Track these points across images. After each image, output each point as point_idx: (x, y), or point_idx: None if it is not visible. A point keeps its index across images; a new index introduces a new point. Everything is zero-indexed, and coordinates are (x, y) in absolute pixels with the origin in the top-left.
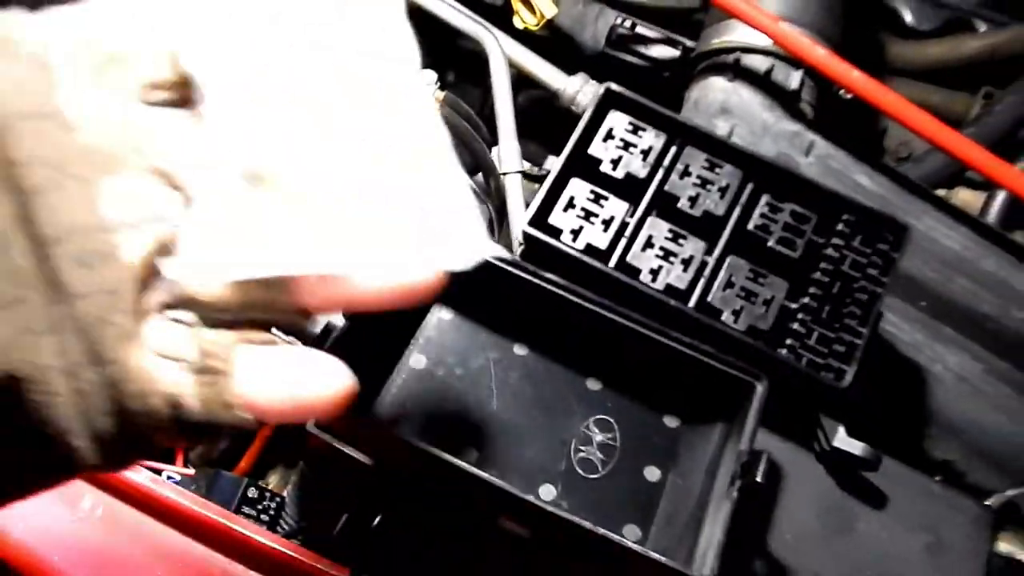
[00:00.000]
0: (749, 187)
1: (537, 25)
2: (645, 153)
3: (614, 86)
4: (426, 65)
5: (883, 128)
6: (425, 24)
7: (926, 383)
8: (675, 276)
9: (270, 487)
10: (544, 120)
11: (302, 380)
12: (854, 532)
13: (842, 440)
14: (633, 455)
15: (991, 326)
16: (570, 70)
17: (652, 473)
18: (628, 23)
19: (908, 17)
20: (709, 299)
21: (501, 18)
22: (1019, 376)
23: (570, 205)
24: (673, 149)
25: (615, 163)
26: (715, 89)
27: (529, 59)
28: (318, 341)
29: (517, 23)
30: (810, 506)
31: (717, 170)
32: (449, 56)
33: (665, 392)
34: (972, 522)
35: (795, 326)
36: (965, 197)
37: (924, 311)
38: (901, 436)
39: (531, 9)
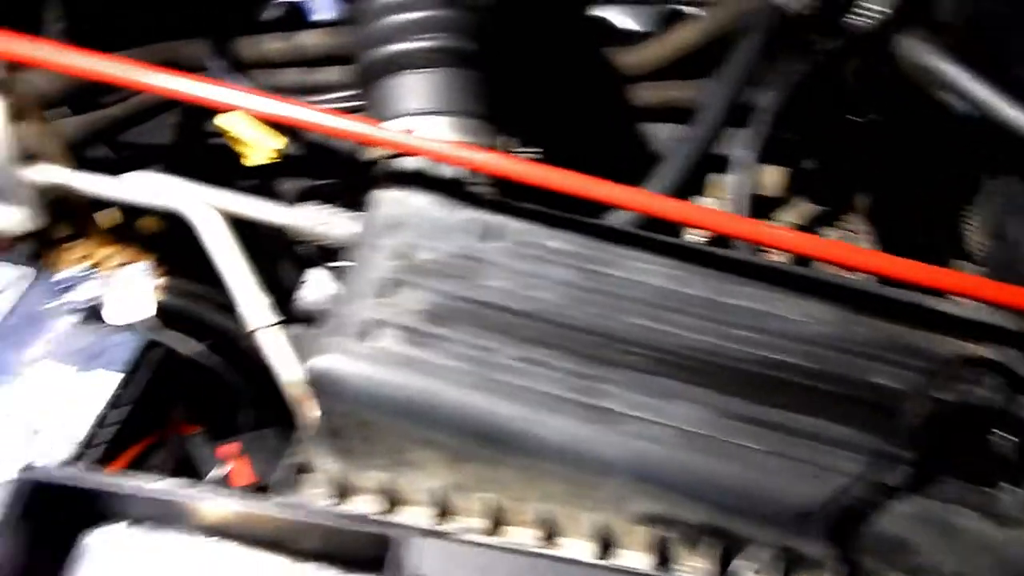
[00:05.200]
0: None
1: (275, 157)
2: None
3: None
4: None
5: None
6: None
7: (644, 451)
8: None
9: None
10: None
11: None
12: None
13: None
14: None
15: (713, 359)
16: None
17: None
18: None
19: (621, 23)
20: None
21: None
22: (750, 408)
23: None
24: None
25: None
26: (382, 203)
27: (251, 206)
28: None
29: (248, 162)
30: None
31: None
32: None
33: None
34: None
35: None
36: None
37: (636, 367)
38: None
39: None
